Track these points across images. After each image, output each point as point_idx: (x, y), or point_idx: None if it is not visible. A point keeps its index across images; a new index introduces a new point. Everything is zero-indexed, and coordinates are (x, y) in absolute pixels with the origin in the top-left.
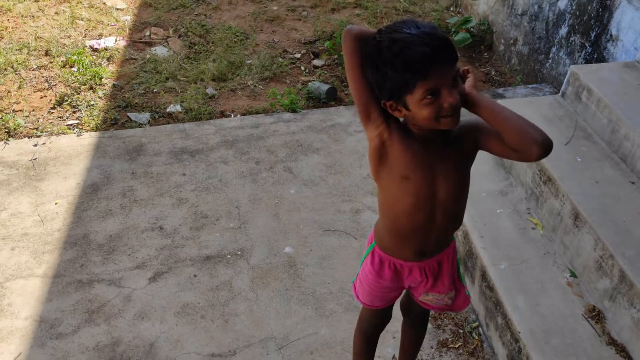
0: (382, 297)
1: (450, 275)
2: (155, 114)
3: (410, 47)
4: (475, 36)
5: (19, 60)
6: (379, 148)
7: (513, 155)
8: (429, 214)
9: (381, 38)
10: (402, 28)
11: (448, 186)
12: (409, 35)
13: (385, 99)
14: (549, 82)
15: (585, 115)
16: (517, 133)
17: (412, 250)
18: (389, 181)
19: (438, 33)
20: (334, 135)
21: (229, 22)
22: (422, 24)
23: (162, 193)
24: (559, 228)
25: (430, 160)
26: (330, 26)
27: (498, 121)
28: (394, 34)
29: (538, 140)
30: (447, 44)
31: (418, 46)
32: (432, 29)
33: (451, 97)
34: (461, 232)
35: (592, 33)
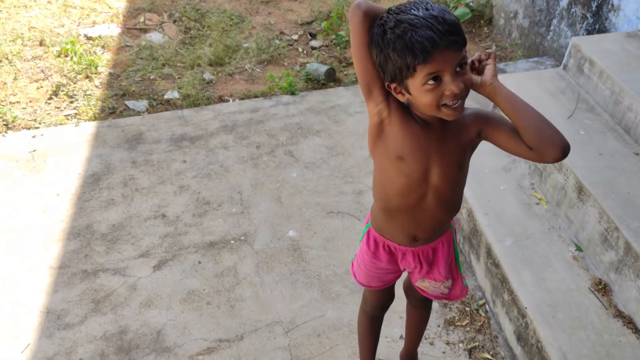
0: (379, 278)
1: (446, 263)
2: (153, 102)
3: (413, 29)
4: (475, 11)
5: (14, 51)
6: (377, 125)
7: (526, 153)
8: (421, 197)
9: (387, 18)
10: (411, 9)
11: (442, 172)
12: (414, 17)
13: (388, 81)
14: (551, 55)
15: (588, 88)
16: (536, 131)
17: (404, 233)
18: (384, 160)
19: (446, 17)
20: (334, 116)
21: (223, 5)
22: (433, 6)
23: (164, 181)
24: (563, 202)
25: (427, 144)
26: (327, 6)
27: (518, 116)
28: (400, 14)
29: (557, 143)
30: (453, 29)
31: (422, 29)
32: (441, 12)
33: (453, 84)
34: (465, 209)
35: (593, 3)
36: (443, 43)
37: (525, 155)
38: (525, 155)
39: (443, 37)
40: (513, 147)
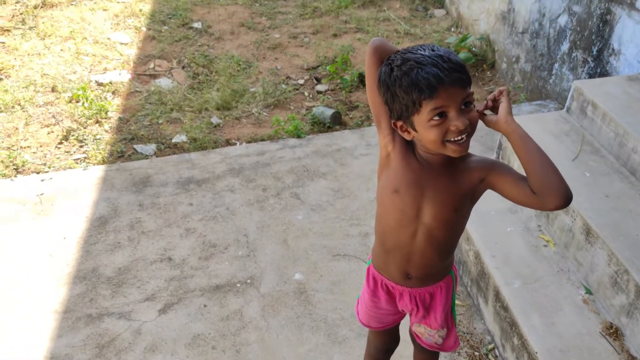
0: (379, 318)
1: (443, 310)
2: (161, 145)
3: (420, 66)
4: (478, 55)
5: (26, 97)
6: (384, 158)
7: (530, 199)
8: (412, 234)
9: (394, 57)
10: (417, 50)
11: (435, 211)
12: (420, 56)
13: (395, 119)
14: (554, 98)
15: (592, 130)
16: (544, 175)
17: (398, 269)
18: (383, 193)
19: (452, 57)
20: (339, 159)
21: (231, 51)
22: (439, 48)
23: (170, 224)
24: (571, 244)
25: (423, 181)
26: (332, 51)
27: (528, 156)
28: (407, 54)
29: (562, 190)
30: (458, 67)
31: (428, 66)
32: (447, 53)
33: (459, 120)
34: (472, 252)
35: (594, 48)
36: (448, 79)
37: (528, 201)
38: (528, 202)
39: (448, 73)
40: (517, 194)
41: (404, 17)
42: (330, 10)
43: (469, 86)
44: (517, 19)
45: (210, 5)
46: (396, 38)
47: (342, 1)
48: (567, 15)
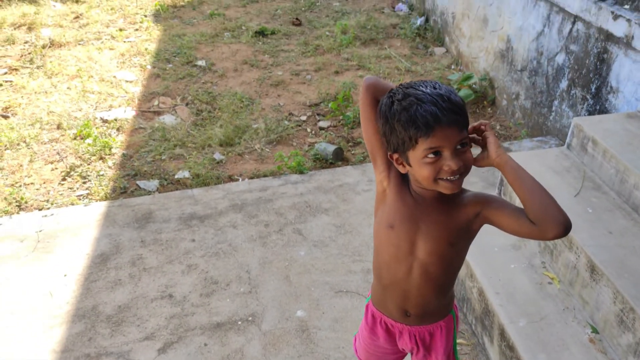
0: (378, 357)
1: (444, 351)
2: (164, 181)
3: (419, 103)
4: (478, 92)
5: (32, 135)
6: (381, 194)
7: (529, 230)
8: (408, 270)
9: (396, 91)
10: (419, 86)
11: (429, 246)
12: (421, 93)
13: (391, 151)
14: (554, 134)
15: (593, 166)
16: (541, 205)
17: (396, 306)
18: (379, 228)
19: (452, 97)
20: (342, 195)
21: (234, 88)
22: (441, 86)
23: (172, 260)
24: (576, 282)
25: (417, 215)
26: (334, 88)
27: (524, 188)
28: (409, 89)
29: (560, 219)
30: (457, 109)
31: (427, 104)
32: (447, 92)
33: (452, 161)
34: (476, 288)
35: (592, 86)
36: (445, 120)
37: (527, 232)
38: (527, 233)
39: (446, 114)
40: (516, 226)
41: (404, 54)
42: (332, 48)
43: (466, 128)
44: (516, 57)
45: (214, 44)
46: (397, 75)
47: (344, 40)
48: (564, 54)
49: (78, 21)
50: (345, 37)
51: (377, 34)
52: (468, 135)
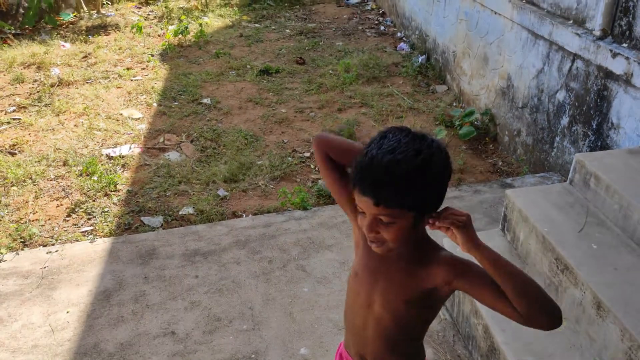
0: None
1: None
2: (168, 217)
3: (368, 157)
4: (480, 129)
5: (38, 171)
6: (356, 239)
7: (510, 315)
8: (364, 320)
9: (374, 138)
10: (383, 141)
11: (383, 302)
12: (376, 149)
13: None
14: (556, 170)
15: (596, 202)
16: (526, 298)
17: (355, 352)
18: (350, 272)
19: (396, 170)
20: (345, 231)
21: (239, 125)
22: (396, 148)
23: (175, 297)
24: (583, 319)
25: (379, 269)
26: (337, 125)
27: (504, 281)
28: (379, 140)
29: (548, 313)
30: (381, 183)
31: (366, 165)
32: (391, 161)
33: (366, 228)
34: (481, 325)
35: (594, 122)
36: (361, 188)
37: (509, 316)
38: (509, 316)
39: (369, 183)
40: (495, 306)
41: (407, 92)
42: (335, 86)
43: (384, 206)
44: (517, 95)
45: (219, 82)
46: (400, 112)
47: (347, 78)
48: (565, 91)
49: (86, 60)
50: (348, 75)
51: (380, 72)
52: (391, 213)
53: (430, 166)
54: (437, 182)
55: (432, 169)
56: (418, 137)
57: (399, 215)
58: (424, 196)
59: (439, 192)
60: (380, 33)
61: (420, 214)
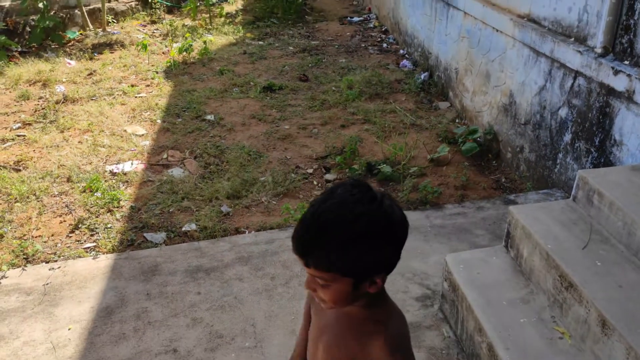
0: None
1: None
2: (171, 234)
3: (303, 215)
4: (482, 145)
5: (42, 187)
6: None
7: None
8: None
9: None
10: (327, 199)
11: (326, 358)
12: (312, 207)
13: None
14: (559, 186)
15: (599, 219)
16: None
17: None
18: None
19: (321, 231)
20: None
21: (242, 142)
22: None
23: (177, 313)
24: (588, 337)
25: (325, 321)
26: (341, 142)
27: None
28: (319, 197)
29: None
30: (305, 242)
31: (300, 221)
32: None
33: (305, 286)
34: (485, 344)
35: (596, 139)
36: (294, 247)
37: None
38: None
39: (296, 243)
40: None
41: (409, 109)
42: (338, 102)
43: (320, 270)
44: (519, 111)
45: (223, 99)
46: (402, 129)
47: (350, 94)
48: (567, 108)
49: (92, 78)
50: (351, 92)
51: (382, 88)
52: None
53: (369, 233)
54: (378, 248)
55: (371, 235)
56: (367, 198)
57: (332, 279)
58: (360, 263)
59: (382, 258)
60: (383, 50)
61: (360, 279)
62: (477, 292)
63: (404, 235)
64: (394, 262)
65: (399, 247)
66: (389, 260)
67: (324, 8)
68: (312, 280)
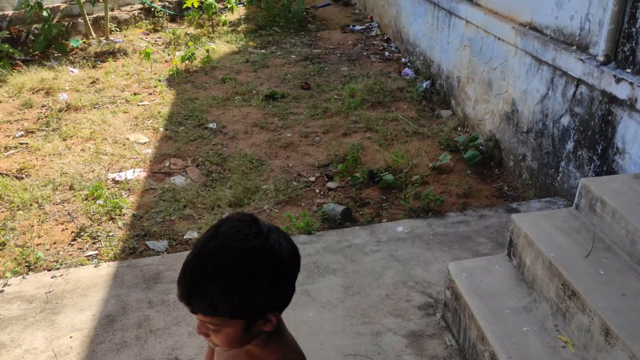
0: None
1: None
2: (173, 242)
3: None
4: (485, 153)
5: (44, 195)
6: None
7: None
8: None
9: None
10: (209, 239)
11: None
12: (194, 250)
13: None
14: (562, 195)
15: (602, 227)
16: None
17: None
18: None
19: (201, 277)
20: (350, 255)
21: (244, 150)
22: (216, 252)
23: (179, 322)
24: (591, 346)
25: (223, 357)
26: (343, 150)
27: None
28: (201, 238)
29: None
30: (190, 291)
31: (183, 266)
32: (202, 271)
33: (197, 331)
34: (488, 352)
35: (599, 147)
36: (178, 293)
37: None
38: None
39: (179, 290)
40: None
41: (411, 117)
42: (340, 111)
43: (207, 316)
44: (521, 119)
45: (225, 107)
46: (405, 137)
47: (352, 102)
48: (569, 116)
49: (94, 86)
50: (353, 100)
51: (384, 97)
52: (210, 320)
53: (255, 272)
54: (267, 287)
55: (257, 274)
56: (252, 234)
57: (222, 323)
58: (249, 304)
59: (272, 296)
60: (385, 59)
61: (251, 319)
62: (479, 301)
63: (294, 269)
64: (287, 297)
65: (290, 281)
66: (281, 297)
67: (326, 17)
68: (203, 326)
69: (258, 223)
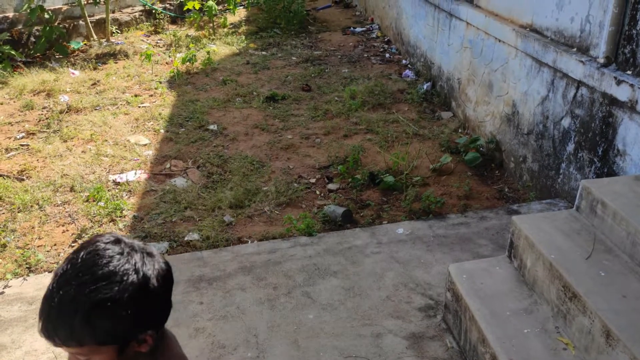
0: None
1: None
2: (174, 243)
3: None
4: (485, 155)
5: (45, 197)
6: None
7: None
8: None
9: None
10: (68, 265)
11: None
12: (53, 280)
13: None
14: (563, 196)
15: (603, 229)
16: None
17: None
18: None
19: (59, 309)
20: (351, 257)
21: (245, 151)
22: (73, 280)
23: (179, 323)
24: (592, 348)
25: None
26: (343, 151)
27: None
28: (61, 265)
29: None
30: (49, 324)
31: (42, 299)
32: (60, 301)
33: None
34: (489, 354)
35: (599, 149)
36: (39, 328)
37: None
38: None
39: (40, 324)
40: None
41: (412, 119)
42: (341, 112)
43: (72, 347)
44: (522, 121)
45: (226, 109)
46: (405, 139)
47: (352, 104)
48: (570, 118)
49: (95, 88)
50: (353, 101)
51: (385, 98)
52: (83, 351)
53: (116, 296)
54: (133, 309)
55: (119, 298)
56: (115, 256)
57: (91, 352)
58: (115, 329)
59: (142, 316)
60: (386, 60)
61: (123, 343)
62: (480, 303)
63: (163, 285)
64: (162, 314)
65: (163, 298)
66: (153, 316)
67: (326, 19)
68: (73, 357)
69: (120, 244)
